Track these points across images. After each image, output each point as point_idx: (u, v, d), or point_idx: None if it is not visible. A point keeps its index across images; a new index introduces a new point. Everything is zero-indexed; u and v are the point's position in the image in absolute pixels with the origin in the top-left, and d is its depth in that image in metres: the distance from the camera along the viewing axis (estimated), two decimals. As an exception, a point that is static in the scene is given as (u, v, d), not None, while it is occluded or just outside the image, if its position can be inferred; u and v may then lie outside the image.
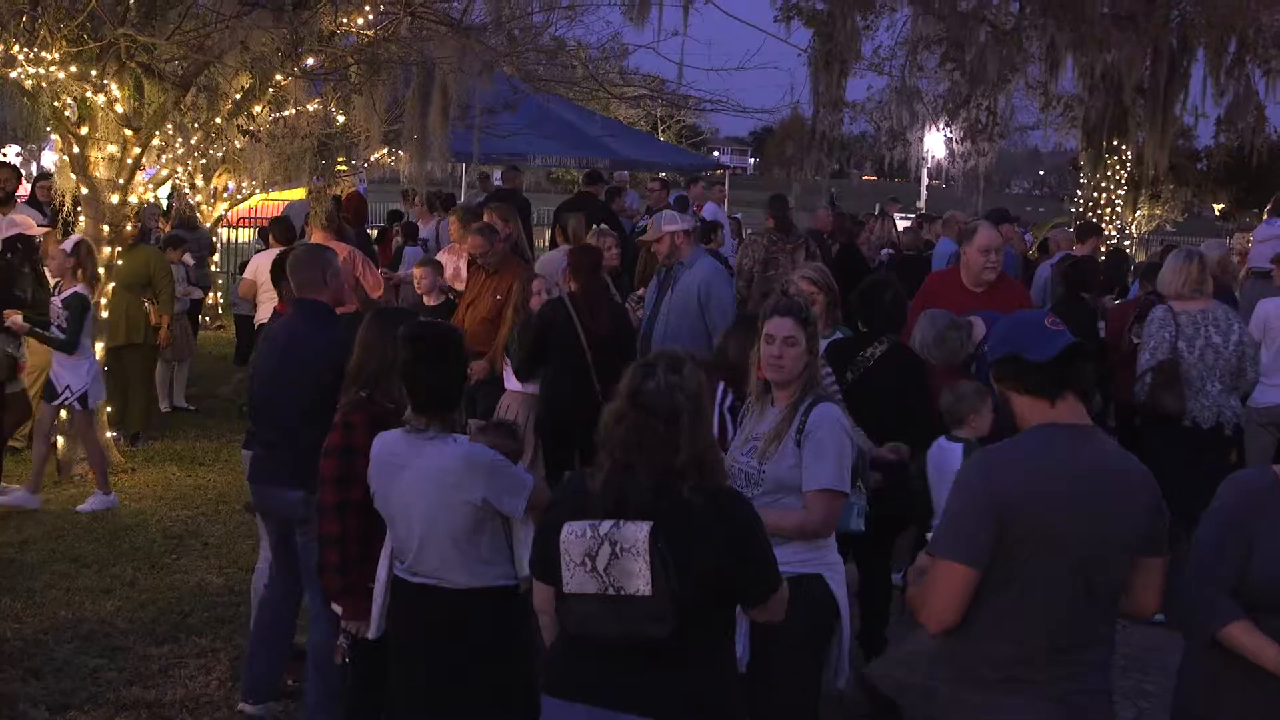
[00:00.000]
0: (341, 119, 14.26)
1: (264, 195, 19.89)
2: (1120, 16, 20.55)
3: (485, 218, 10.30)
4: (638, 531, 3.63)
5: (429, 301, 10.01)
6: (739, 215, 22.87)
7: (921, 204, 40.06)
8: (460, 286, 10.15)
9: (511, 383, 8.69)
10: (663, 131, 43.74)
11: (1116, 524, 3.62)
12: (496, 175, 28.30)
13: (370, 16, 10.58)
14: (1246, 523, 3.86)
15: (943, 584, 3.60)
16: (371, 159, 18.91)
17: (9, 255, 9.78)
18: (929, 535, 3.80)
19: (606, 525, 3.67)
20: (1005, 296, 7.92)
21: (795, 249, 11.65)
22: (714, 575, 3.71)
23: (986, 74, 21.76)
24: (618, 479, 3.77)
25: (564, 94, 20.68)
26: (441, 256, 11.42)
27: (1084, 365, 3.74)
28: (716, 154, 67.45)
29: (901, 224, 20.48)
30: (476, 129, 15.75)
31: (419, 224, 16.94)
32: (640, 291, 9.98)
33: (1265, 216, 12.55)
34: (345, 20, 10.35)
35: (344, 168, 18.91)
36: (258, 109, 10.77)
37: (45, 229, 10.38)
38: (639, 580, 3.61)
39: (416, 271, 10.39)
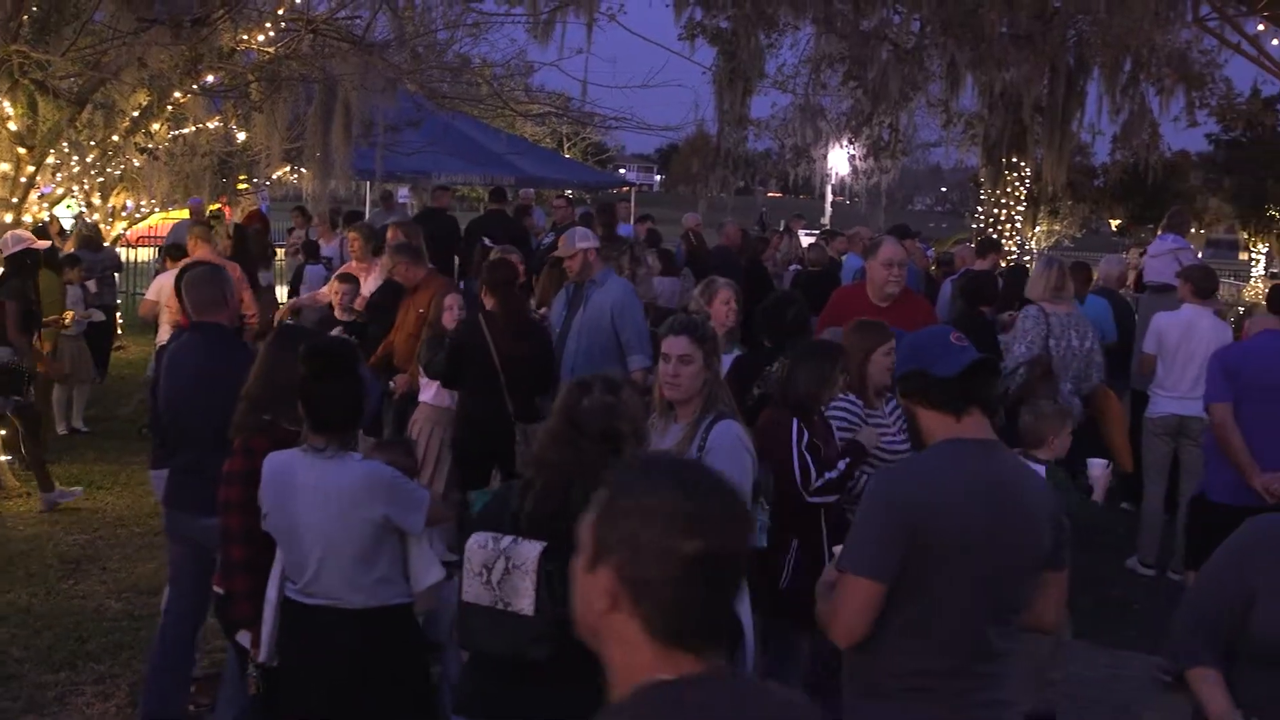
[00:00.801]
0: (242, 136, 14.10)
1: (164, 214, 19.59)
2: (1018, 36, 20.88)
3: (390, 236, 10.21)
4: (530, 550, 3.60)
5: (341, 316, 9.90)
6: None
7: (826, 220, 40.42)
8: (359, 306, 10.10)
9: (425, 396, 8.60)
10: (568, 149, 43.72)
11: (1021, 538, 3.64)
12: (401, 192, 28.17)
13: (271, 33, 10.48)
14: (1252, 568, 3.86)
15: (851, 598, 3.58)
16: (273, 177, 18.71)
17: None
18: (835, 549, 3.79)
19: (506, 540, 3.64)
20: (910, 311, 7.98)
21: (620, 255, 11.93)
22: None
23: (888, 92, 22.00)
24: (551, 499, 3.73)
25: (469, 111, 20.62)
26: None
27: (988, 380, 3.75)
28: (623, 171, 67.65)
29: (806, 240, 20.65)
30: (379, 146, 15.65)
31: (320, 242, 16.74)
32: (542, 310, 9.95)
33: (1160, 232, 12.76)
34: (245, 37, 10.25)
35: (245, 186, 18.68)
36: (156, 126, 10.63)
37: None
38: (525, 599, 3.58)
39: (336, 287, 10.24)
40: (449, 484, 8.31)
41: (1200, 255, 39.50)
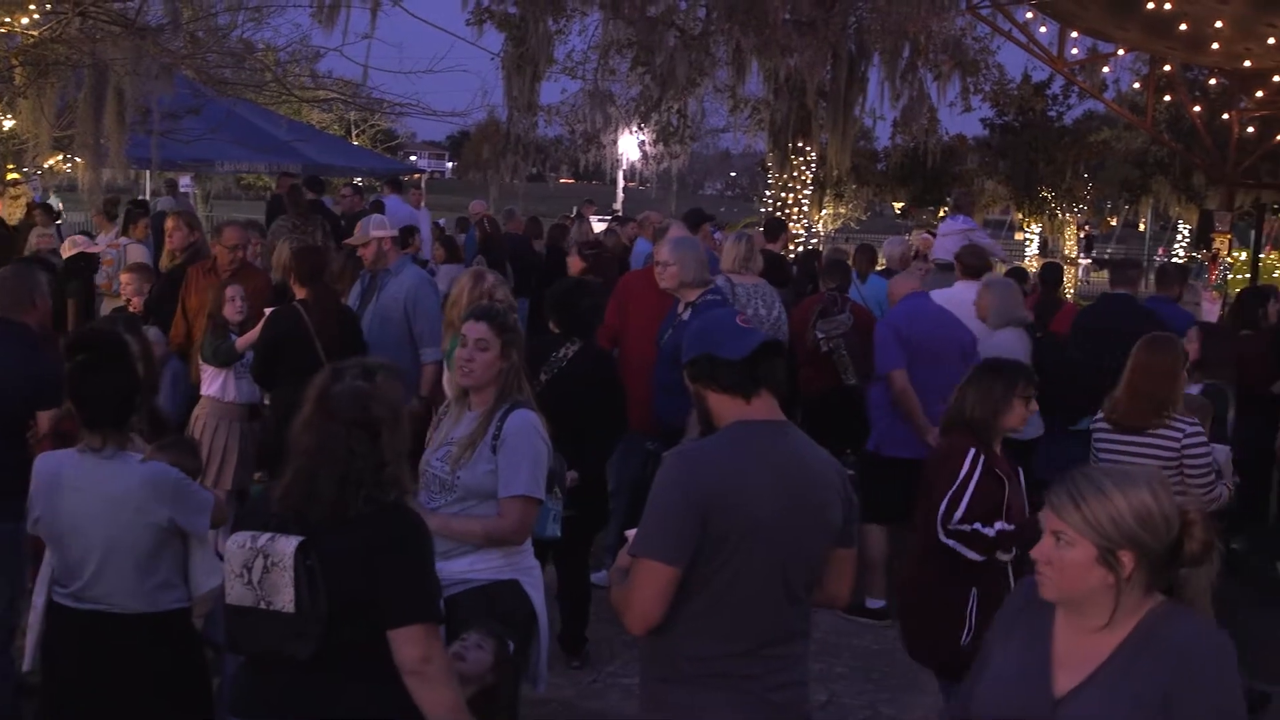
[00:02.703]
0: (9, 123, 13.49)
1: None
2: (801, 22, 21.23)
3: (168, 225, 9.91)
4: (286, 546, 3.51)
5: (136, 309, 9.51)
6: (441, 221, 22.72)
7: (618, 206, 40.59)
8: None
9: (208, 390, 8.34)
10: (357, 136, 43.00)
11: (813, 517, 3.68)
12: (184, 181, 27.32)
13: (36, 16, 10.01)
14: (994, 635, 3.35)
15: (644, 584, 3.58)
16: (46, 165, 17.95)
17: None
18: (628, 534, 3.77)
19: (264, 538, 3.55)
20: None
21: (313, 230, 12.35)
22: (363, 594, 3.56)
23: (676, 78, 22.16)
24: (299, 488, 3.62)
25: (252, 98, 20.09)
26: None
27: (777, 362, 3.77)
28: (414, 158, 66.83)
29: (599, 226, 20.70)
30: (155, 134, 15.12)
31: (101, 236, 16.13)
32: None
33: (949, 213, 13.20)
34: (9, 20, 9.77)
35: (16, 175, 17.88)
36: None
37: None
38: (285, 596, 3.49)
39: (124, 277, 9.84)
40: (236, 482, 8.08)
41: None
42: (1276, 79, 19.99)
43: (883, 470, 7.91)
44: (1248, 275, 24.50)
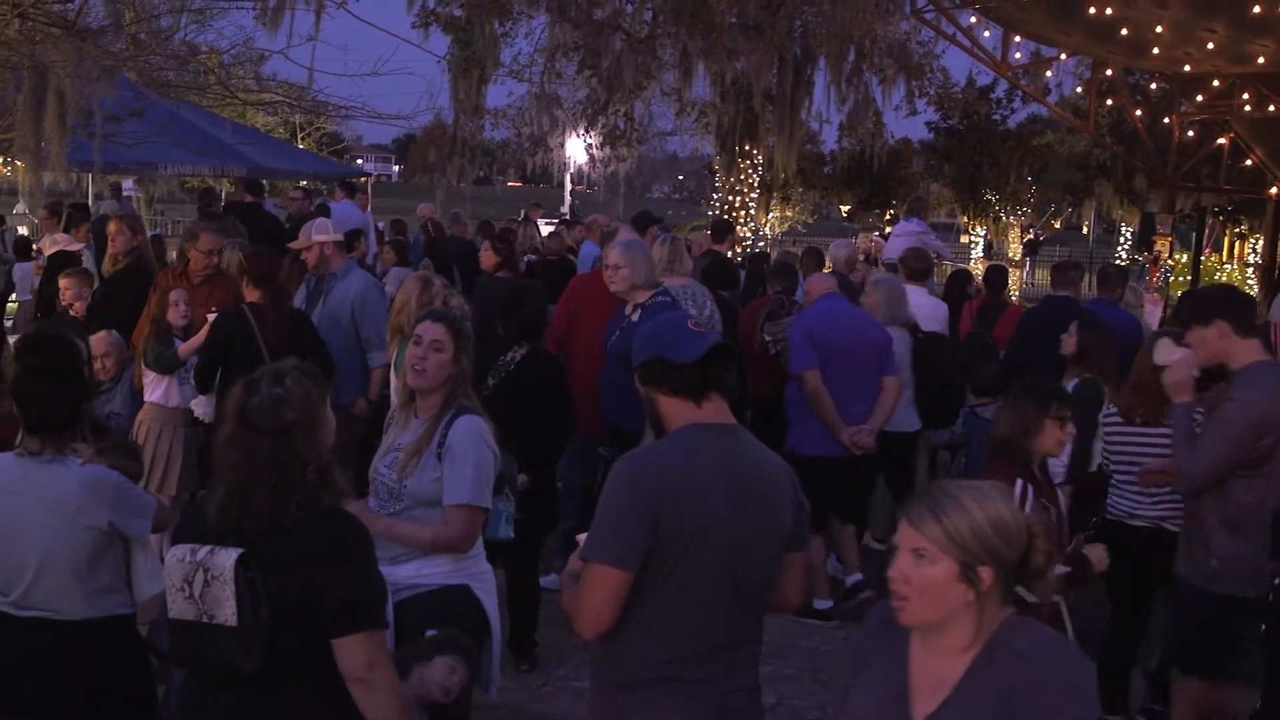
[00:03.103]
0: (-54, 126, 13.30)
1: None
2: (747, 26, 21.31)
3: (111, 228, 9.80)
4: (226, 559, 3.47)
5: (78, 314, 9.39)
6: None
7: (566, 209, 40.58)
8: None
9: (152, 395, 8.24)
10: (302, 139, 42.76)
11: (764, 521, 3.67)
12: (127, 184, 27.06)
13: (-27, 18, 9.89)
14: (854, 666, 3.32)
15: (595, 588, 3.55)
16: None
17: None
18: (580, 538, 3.75)
19: (203, 551, 3.51)
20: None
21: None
22: (305, 603, 3.53)
23: (623, 81, 22.21)
24: (231, 503, 3.59)
25: (196, 101, 19.91)
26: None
27: (727, 365, 3.75)
28: (360, 161, 66.51)
29: (547, 229, 20.67)
30: (97, 137, 14.95)
31: (51, 238, 15.96)
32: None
33: (904, 216, 13.35)
34: (-55, 21, 9.65)
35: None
36: None
37: None
38: (227, 610, 3.46)
39: (63, 282, 9.70)
40: (182, 487, 8.00)
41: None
42: (1216, 83, 20.24)
43: (800, 469, 7.95)
44: (1189, 277, 24.83)
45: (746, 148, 24.18)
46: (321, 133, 45.57)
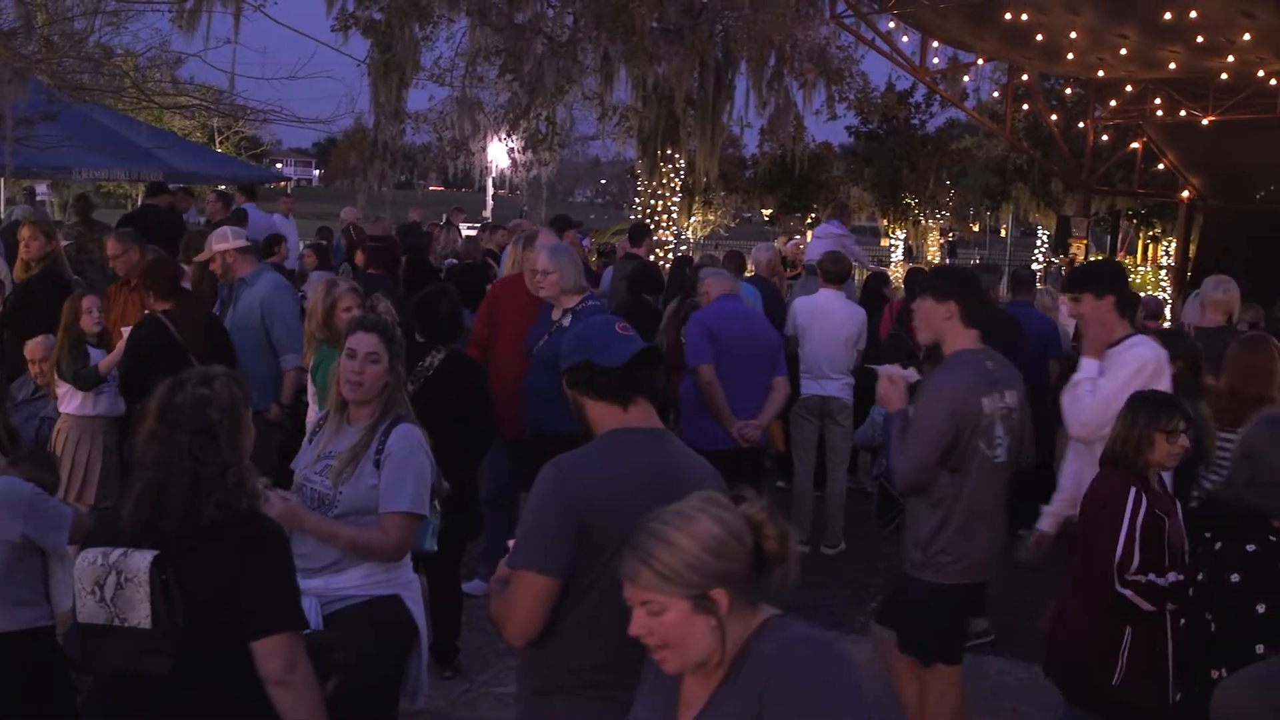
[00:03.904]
0: None
1: None
2: (669, 30, 21.36)
3: (24, 234, 9.66)
4: (141, 561, 3.45)
5: None
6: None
7: (488, 213, 40.46)
8: None
9: (67, 407, 8.13)
10: (221, 143, 42.31)
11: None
12: (41, 189, 26.64)
13: (-120, 20, 9.71)
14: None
15: (523, 595, 3.53)
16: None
17: None
18: (510, 543, 3.74)
19: (116, 553, 3.49)
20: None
21: (96, 239, 12.25)
22: (222, 605, 3.53)
23: (544, 85, 22.15)
24: (148, 501, 3.57)
25: (111, 104, 19.68)
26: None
27: (654, 369, 3.76)
28: (280, 165, 65.95)
29: (469, 233, 20.63)
30: (8, 140, 14.74)
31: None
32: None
33: (826, 218, 13.45)
34: None
35: None
36: None
37: None
38: (140, 612, 3.44)
39: None
40: (100, 496, 7.90)
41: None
42: (1129, 89, 20.58)
43: None
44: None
45: (668, 152, 24.24)
46: (240, 136, 45.17)
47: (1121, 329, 5.87)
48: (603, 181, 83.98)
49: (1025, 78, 22.50)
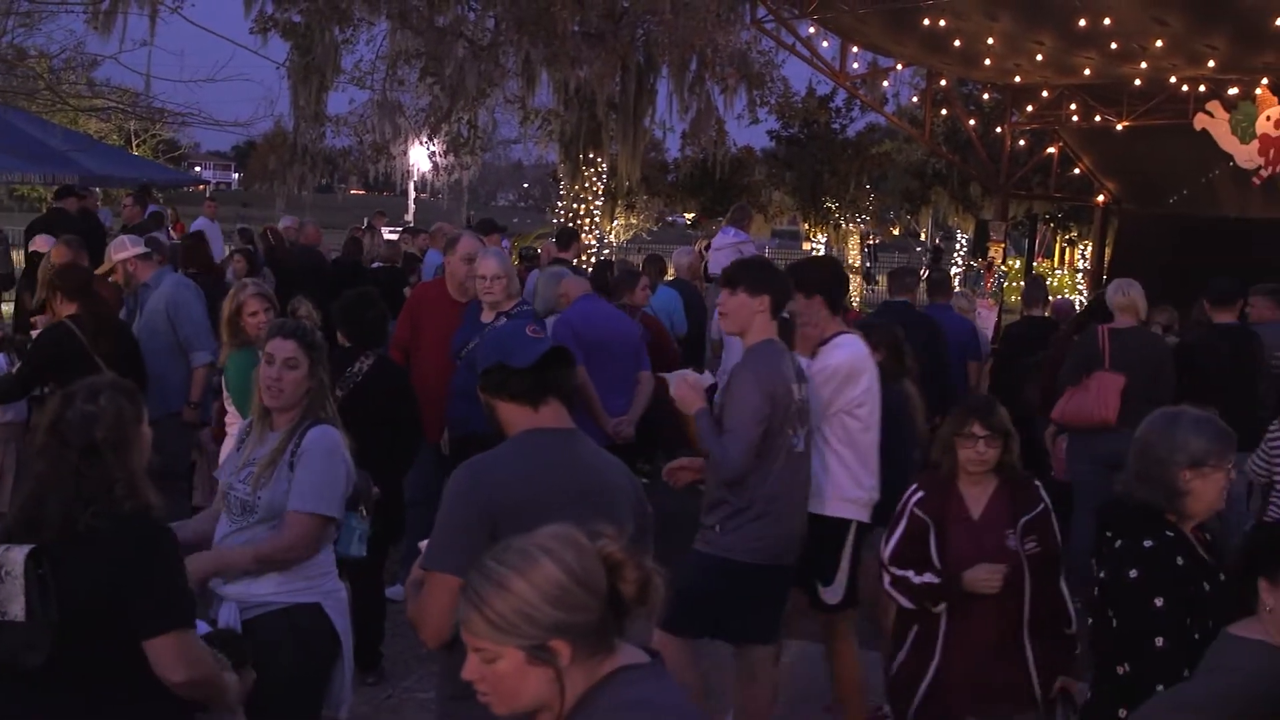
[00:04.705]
0: None
1: None
2: (590, 34, 21.37)
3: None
4: (18, 554, 3.50)
5: None
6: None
7: (410, 217, 40.28)
8: None
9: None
10: (138, 146, 41.73)
11: (605, 526, 3.69)
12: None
13: None
14: None
15: (437, 598, 3.53)
16: None
17: None
18: (422, 545, 3.73)
19: None
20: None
21: None
22: (103, 602, 3.57)
23: (466, 89, 22.09)
24: (29, 508, 3.63)
25: (24, 106, 19.36)
26: None
27: (565, 370, 3.79)
28: (198, 169, 65.18)
29: (390, 237, 20.49)
30: (-85, 141, 14.50)
31: None
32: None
33: (723, 226, 13.43)
34: None
35: None
36: None
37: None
38: (17, 605, 3.49)
39: None
40: (14, 501, 7.77)
41: (766, 247, 41.80)
42: (1045, 94, 20.84)
43: None
44: (1022, 283, 25.50)
45: (591, 155, 24.25)
46: (158, 139, 44.57)
47: (832, 327, 6.06)
48: (525, 185, 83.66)
49: (944, 83, 22.71)
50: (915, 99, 27.20)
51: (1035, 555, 5.07)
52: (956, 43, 18.16)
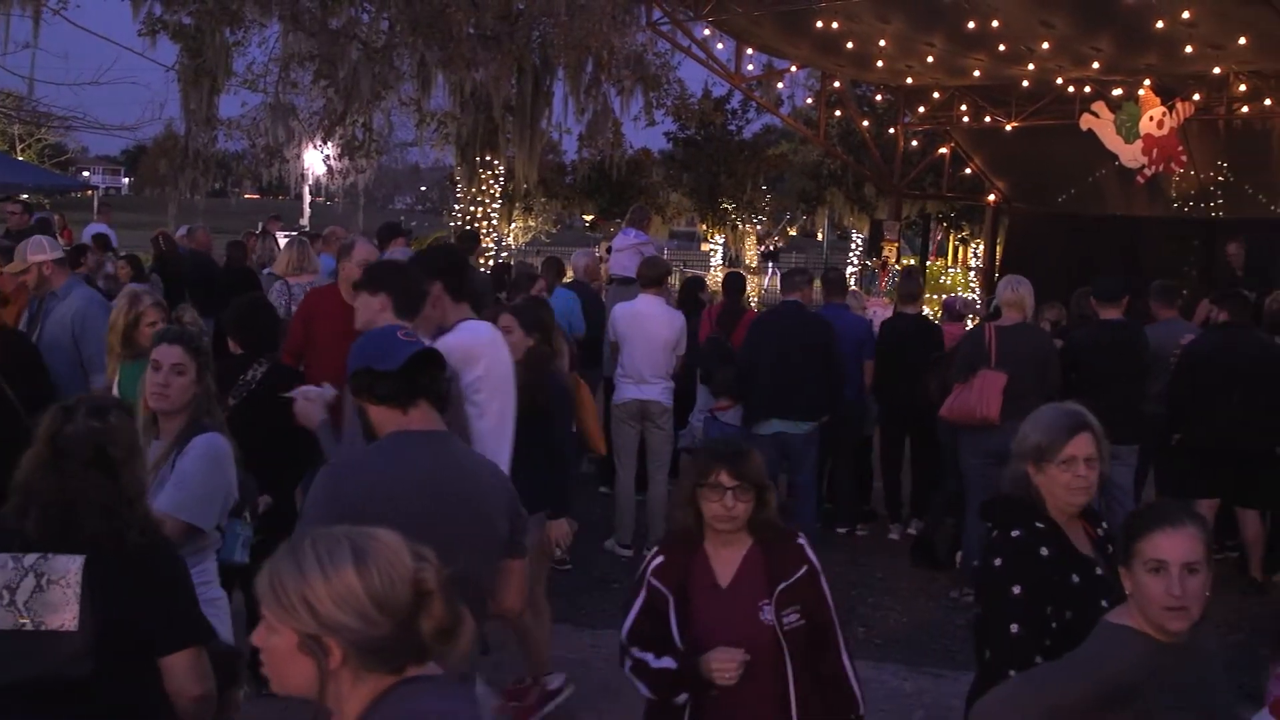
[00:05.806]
0: None
1: None
2: (486, 36, 21.31)
3: None
4: (70, 563, 3.44)
5: None
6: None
7: (305, 221, 39.85)
8: None
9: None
10: (22, 150, 40.86)
11: (473, 527, 3.71)
12: None
13: None
14: None
15: None
16: None
17: None
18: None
19: (32, 557, 3.45)
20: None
21: None
22: (131, 617, 3.53)
23: (360, 91, 21.92)
24: (54, 521, 3.52)
25: (-97, 110, 18.89)
26: None
27: (435, 373, 3.81)
28: (87, 174, 64.02)
29: (284, 241, 20.25)
30: None
31: None
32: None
33: (622, 227, 13.45)
34: None
35: None
36: None
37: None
38: (66, 614, 3.43)
39: None
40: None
41: (665, 248, 41.93)
42: (936, 95, 21.16)
43: None
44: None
45: (488, 158, 24.19)
46: (43, 144, 43.67)
47: (456, 314, 5.91)
48: (422, 188, 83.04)
49: (838, 84, 22.96)
50: (810, 100, 27.46)
51: (798, 630, 4.10)
52: (849, 45, 18.38)
